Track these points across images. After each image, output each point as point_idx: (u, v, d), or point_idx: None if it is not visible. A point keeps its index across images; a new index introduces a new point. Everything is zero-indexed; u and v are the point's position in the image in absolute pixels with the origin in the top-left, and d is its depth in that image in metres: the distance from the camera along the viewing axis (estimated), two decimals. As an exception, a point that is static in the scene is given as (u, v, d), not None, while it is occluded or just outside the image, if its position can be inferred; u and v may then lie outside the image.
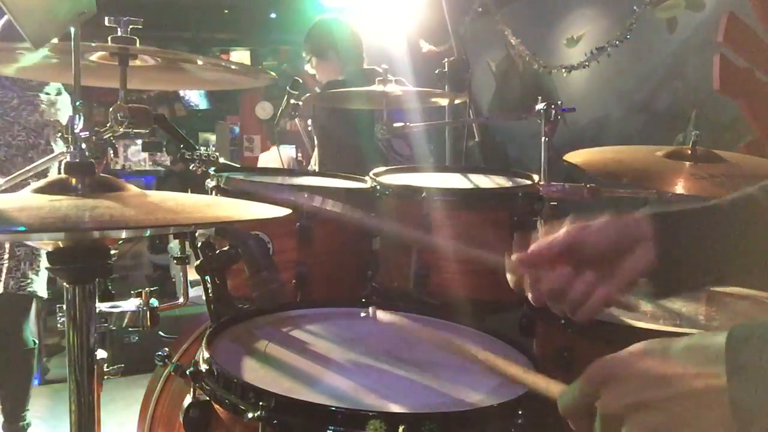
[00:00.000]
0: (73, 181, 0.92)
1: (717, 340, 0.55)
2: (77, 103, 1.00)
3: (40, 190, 0.91)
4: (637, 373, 0.58)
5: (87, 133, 0.98)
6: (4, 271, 2.56)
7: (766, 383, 0.50)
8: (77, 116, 0.98)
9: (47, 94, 2.64)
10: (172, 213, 0.90)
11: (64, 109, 2.68)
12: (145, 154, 7.42)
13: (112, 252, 0.96)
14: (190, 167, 1.63)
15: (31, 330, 2.74)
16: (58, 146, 2.57)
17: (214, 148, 1.84)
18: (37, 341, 2.79)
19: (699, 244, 0.83)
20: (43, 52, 1.13)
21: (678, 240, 0.83)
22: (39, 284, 2.63)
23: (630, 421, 0.57)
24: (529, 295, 0.87)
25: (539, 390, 0.70)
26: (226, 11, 7.01)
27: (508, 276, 0.91)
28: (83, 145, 0.96)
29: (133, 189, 0.96)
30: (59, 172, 0.95)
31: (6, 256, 2.55)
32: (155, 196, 0.96)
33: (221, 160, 1.77)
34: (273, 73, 1.53)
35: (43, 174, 1.98)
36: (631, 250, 0.83)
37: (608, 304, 0.84)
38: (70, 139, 0.95)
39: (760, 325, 0.54)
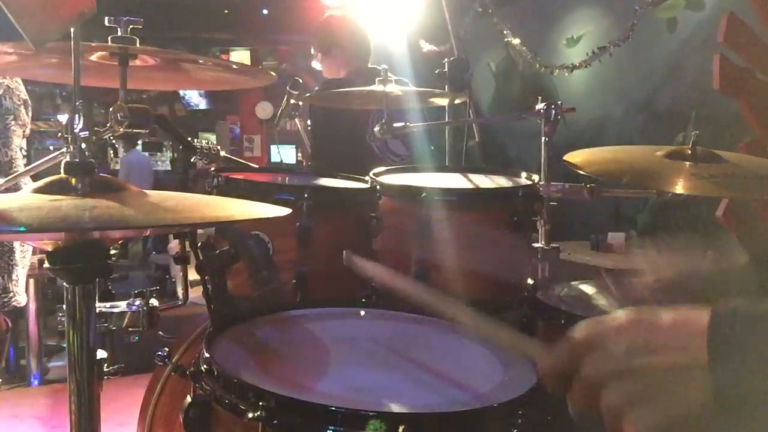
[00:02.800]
0: (73, 181, 0.92)
1: (702, 315, 0.55)
2: (77, 103, 1.00)
3: (40, 190, 0.91)
4: (623, 340, 0.58)
5: (87, 133, 0.98)
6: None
7: (745, 364, 0.51)
8: (77, 116, 0.98)
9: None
10: (172, 213, 0.90)
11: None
12: (145, 154, 7.43)
13: (112, 252, 0.96)
14: (192, 160, 1.62)
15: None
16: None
17: (217, 147, 1.85)
18: (9, 321, 2.78)
19: None
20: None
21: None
22: (21, 294, 2.63)
23: (610, 386, 0.57)
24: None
25: (521, 350, 0.70)
26: (226, 11, 7.01)
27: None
28: (83, 145, 0.95)
29: (133, 189, 0.96)
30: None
31: None
32: (155, 196, 0.96)
33: (222, 153, 1.77)
34: (273, 73, 1.53)
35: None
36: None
37: None
38: (70, 139, 0.95)
39: (742, 304, 0.55)
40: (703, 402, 0.52)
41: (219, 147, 1.77)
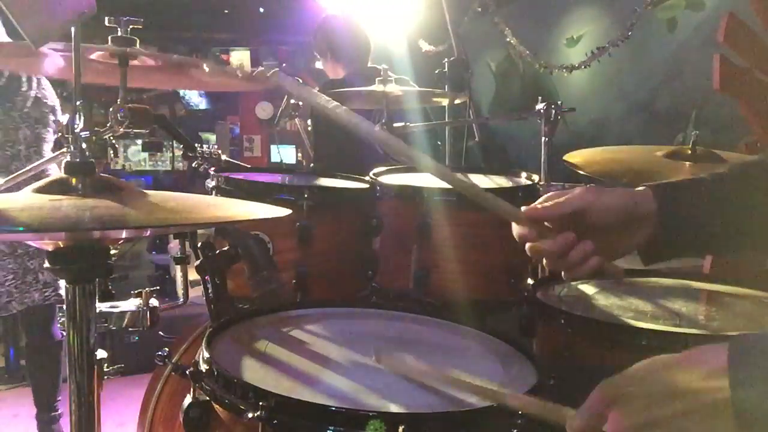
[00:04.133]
0: (74, 181, 0.92)
1: (719, 353, 0.56)
2: (77, 103, 1.00)
3: (41, 190, 0.91)
4: (643, 392, 0.59)
5: (87, 132, 0.98)
6: (41, 284, 2.63)
7: (766, 386, 0.52)
8: (77, 116, 0.98)
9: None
10: (172, 213, 0.90)
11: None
12: (145, 154, 7.42)
13: (112, 252, 0.96)
14: (193, 165, 1.63)
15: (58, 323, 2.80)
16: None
17: (216, 146, 1.85)
18: (64, 333, 2.84)
19: (699, 217, 0.88)
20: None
21: (678, 215, 0.88)
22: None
23: None
24: (528, 247, 0.91)
25: (548, 417, 0.70)
26: (226, 11, 7.00)
27: (514, 227, 0.94)
28: (83, 145, 0.95)
29: (133, 189, 0.96)
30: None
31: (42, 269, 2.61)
32: (155, 196, 0.96)
33: (224, 157, 1.77)
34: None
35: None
36: (632, 227, 0.88)
37: (598, 271, 0.89)
38: (70, 138, 0.95)
39: (761, 336, 0.55)
40: None
41: (220, 151, 1.77)
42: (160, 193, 0.99)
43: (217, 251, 1.24)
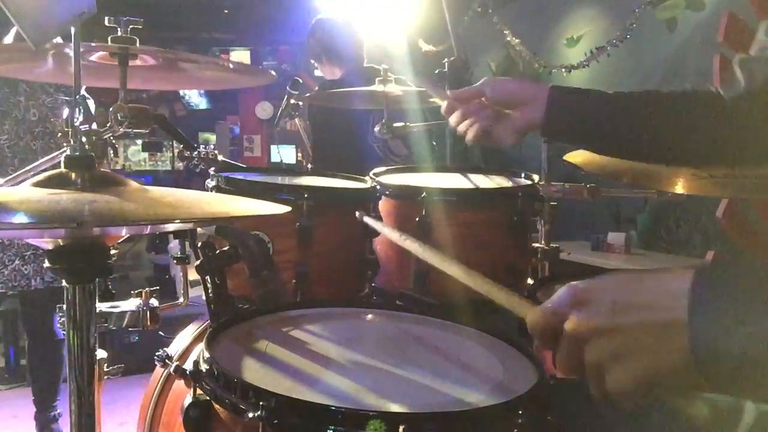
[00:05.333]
0: (73, 175, 0.92)
1: (685, 277, 0.58)
2: (77, 96, 1.00)
3: (40, 184, 0.91)
4: (608, 299, 0.61)
5: (87, 126, 0.98)
6: (36, 268, 2.61)
7: (720, 323, 0.54)
8: (77, 110, 0.98)
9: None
10: (171, 209, 0.90)
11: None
12: (145, 154, 7.42)
13: (112, 252, 0.96)
14: (190, 166, 1.63)
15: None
16: None
17: (213, 147, 1.85)
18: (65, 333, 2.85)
19: (585, 104, 1.14)
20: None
21: (565, 100, 1.14)
22: None
23: (594, 343, 0.61)
24: (452, 117, 1.26)
25: (509, 306, 0.74)
26: (226, 11, 7.00)
27: (443, 104, 1.29)
28: (83, 139, 0.95)
29: (132, 184, 0.96)
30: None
31: (37, 253, 2.60)
32: (155, 191, 0.96)
33: (220, 158, 1.77)
34: (273, 73, 1.53)
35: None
36: (525, 104, 1.16)
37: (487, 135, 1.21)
38: (70, 133, 0.95)
39: (723, 268, 0.59)
40: (683, 359, 0.56)
41: (217, 152, 1.77)
42: (159, 189, 0.99)
43: (217, 251, 1.24)
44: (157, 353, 1.39)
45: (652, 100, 1.13)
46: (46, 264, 0.92)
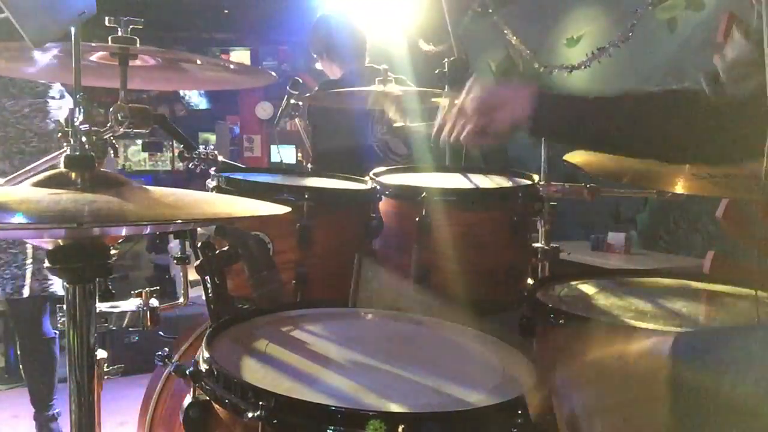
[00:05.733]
0: (73, 175, 0.92)
1: (666, 343, 0.66)
2: (77, 96, 1.00)
3: (40, 184, 0.91)
4: (598, 380, 0.64)
5: (87, 126, 0.98)
6: (29, 275, 2.60)
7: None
8: (77, 110, 0.98)
9: (53, 98, 2.66)
10: (171, 209, 0.90)
11: (67, 111, 2.70)
12: (145, 154, 7.42)
13: (112, 252, 0.96)
14: (190, 166, 1.63)
15: (50, 321, 2.79)
16: None
17: (213, 147, 1.85)
18: (57, 332, 2.84)
19: (572, 100, 1.22)
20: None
21: (552, 99, 1.20)
22: (58, 283, 2.66)
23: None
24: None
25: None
26: (226, 11, 7.00)
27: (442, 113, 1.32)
28: (83, 138, 0.95)
29: (132, 184, 0.96)
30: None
31: (29, 260, 2.59)
32: (155, 191, 0.96)
33: (220, 158, 1.77)
34: (273, 73, 1.53)
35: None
36: (515, 103, 1.19)
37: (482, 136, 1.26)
38: (70, 132, 0.95)
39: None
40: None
41: (216, 152, 1.77)
42: (159, 189, 0.99)
43: (217, 251, 1.24)
44: (157, 353, 1.39)
45: (633, 97, 1.19)
46: (46, 264, 0.92)
